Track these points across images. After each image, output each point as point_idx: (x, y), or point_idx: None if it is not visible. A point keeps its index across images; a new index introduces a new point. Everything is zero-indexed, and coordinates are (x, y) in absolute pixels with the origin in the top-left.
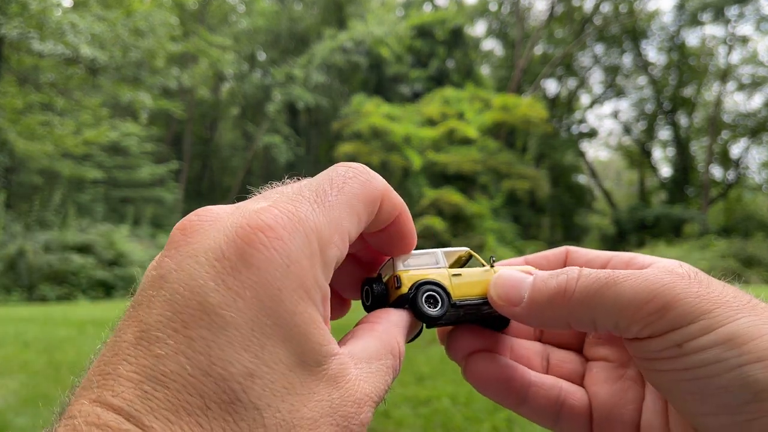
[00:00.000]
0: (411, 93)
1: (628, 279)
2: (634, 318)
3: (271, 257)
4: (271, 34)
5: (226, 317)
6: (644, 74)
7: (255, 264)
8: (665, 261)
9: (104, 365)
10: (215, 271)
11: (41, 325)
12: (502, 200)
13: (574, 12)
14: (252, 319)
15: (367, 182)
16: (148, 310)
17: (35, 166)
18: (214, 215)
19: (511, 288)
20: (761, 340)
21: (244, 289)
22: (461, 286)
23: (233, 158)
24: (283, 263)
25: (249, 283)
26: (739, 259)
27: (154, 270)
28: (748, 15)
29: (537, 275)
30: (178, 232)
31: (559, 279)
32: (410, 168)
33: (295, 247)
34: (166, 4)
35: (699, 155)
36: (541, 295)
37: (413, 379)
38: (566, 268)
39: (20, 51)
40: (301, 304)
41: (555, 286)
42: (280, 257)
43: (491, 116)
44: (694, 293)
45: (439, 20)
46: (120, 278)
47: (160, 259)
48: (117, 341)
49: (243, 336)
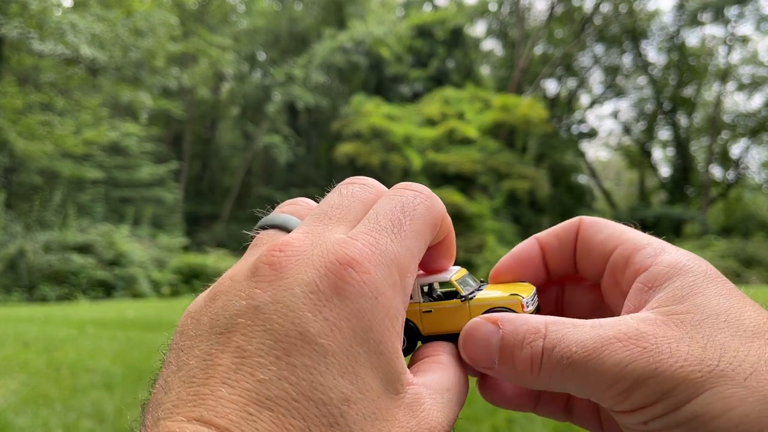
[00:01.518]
0: (411, 93)
1: (591, 360)
2: (602, 397)
3: (362, 290)
4: (271, 34)
5: (326, 346)
6: (644, 74)
7: (347, 297)
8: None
9: (199, 386)
10: (312, 303)
11: (41, 325)
12: (502, 200)
13: (574, 12)
14: (348, 347)
15: (432, 207)
16: (246, 337)
17: (35, 166)
18: (297, 250)
19: (480, 349)
20: (727, 416)
21: (340, 320)
22: (432, 322)
23: (233, 158)
24: (372, 295)
25: (344, 314)
26: (739, 259)
27: (243, 300)
28: (748, 15)
29: (504, 337)
30: (266, 267)
31: (523, 355)
32: (410, 168)
33: (380, 278)
34: (166, 4)
35: (699, 155)
36: (509, 363)
37: None
38: (530, 330)
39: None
40: (387, 334)
41: (521, 360)
42: (369, 290)
43: (491, 116)
44: (654, 370)
45: (439, 20)
46: (120, 278)
47: (250, 291)
48: (210, 364)
49: (340, 364)
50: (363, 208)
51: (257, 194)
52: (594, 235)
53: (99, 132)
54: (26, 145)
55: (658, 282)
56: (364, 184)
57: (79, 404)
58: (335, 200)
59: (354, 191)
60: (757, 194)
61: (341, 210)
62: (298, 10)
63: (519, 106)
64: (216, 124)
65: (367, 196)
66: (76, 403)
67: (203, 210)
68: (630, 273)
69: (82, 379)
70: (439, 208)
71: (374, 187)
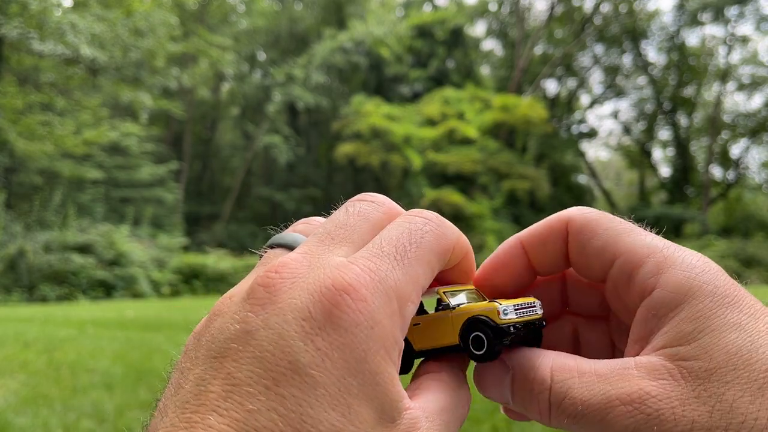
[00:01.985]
0: (411, 93)
1: (597, 420)
2: None
3: (357, 319)
4: (271, 35)
5: (316, 377)
6: (644, 74)
7: (341, 325)
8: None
9: (191, 413)
10: (304, 332)
11: (41, 325)
12: (502, 200)
13: (574, 12)
14: (339, 379)
15: (442, 235)
16: (237, 364)
17: (35, 166)
18: (294, 272)
19: (493, 391)
20: None
21: (332, 350)
22: (421, 335)
23: (233, 158)
24: (367, 325)
25: (336, 345)
26: (739, 259)
27: (237, 324)
28: (748, 15)
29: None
30: (261, 289)
31: (533, 405)
32: (410, 168)
33: (377, 307)
34: (166, 4)
35: (699, 155)
36: (523, 409)
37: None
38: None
39: (20, 51)
40: (383, 364)
41: (532, 410)
42: (365, 319)
43: (491, 116)
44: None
45: (439, 20)
46: (120, 278)
47: (244, 314)
48: (202, 390)
49: (331, 395)
50: (369, 229)
51: (257, 194)
52: (588, 241)
53: (99, 132)
54: (26, 145)
55: (663, 311)
56: (373, 202)
57: (79, 404)
58: (341, 219)
59: (361, 209)
60: (757, 194)
61: (345, 230)
62: (298, 10)
63: (519, 106)
64: (216, 124)
65: (375, 215)
66: (76, 403)
67: (203, 210)
68: (633, 293)
69: (82, 379)
70: (451, 236)
71: (384, 205)
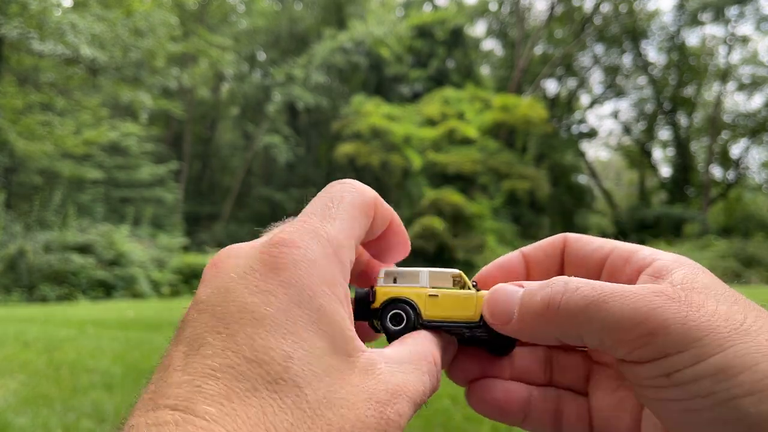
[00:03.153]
0: (411, 93)
1: (615, 298)
2: (621, 341)
3: (295, 259)
4: (271, 35)
5: (264, 313)
6: (644, 74)
7: (281, 268)
8: (666, 258)
9: (157, 381)
10: (249, 282)
11: (41, 325)
12: (502, 200)
13: (574, 12)
14: (287, 312)
15: (359, 193)
16: (193, 328)
17: (35, 166)
18: (238, 248)
19: (502, 305)
20: (753, 371)
21: (276, 288)
22: (435, 306)
23: (233, 158)
24: (305, 264)
25: (279, 283)
26: (739, 259)
27: (192, 302)
28: (748, 15)
29: (526, 289)
30: (208, 268)
31: (543, 294)
32: (410, 168)
33: (312, 250)
34: (166, 4)
35: (699, 155)
36: (529, 311)
37: None
38: (553, 280)
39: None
40: (327, 298)
41: (540, 302)
42: (302, 259)
43: (491, 116)
44: (683, 318)
45: (439, 20)
46: (120, 278)
47: (197, 292)
48: (168, 358)
49: (280, 326)
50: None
51: (257, 194)
52: (584, 246)
53: (99, 132)
54: (26, 145)
55: (665, 271)
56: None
57: (79, 404)
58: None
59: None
60: (757, 194)
61: (299, 215)
62: (298, 10)
63: (519, 106)
64: (216, 124)
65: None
66: (76, 403)
67: (203, 210)
68: (631, 270)
69: (82, 379)
70: (369, 194)
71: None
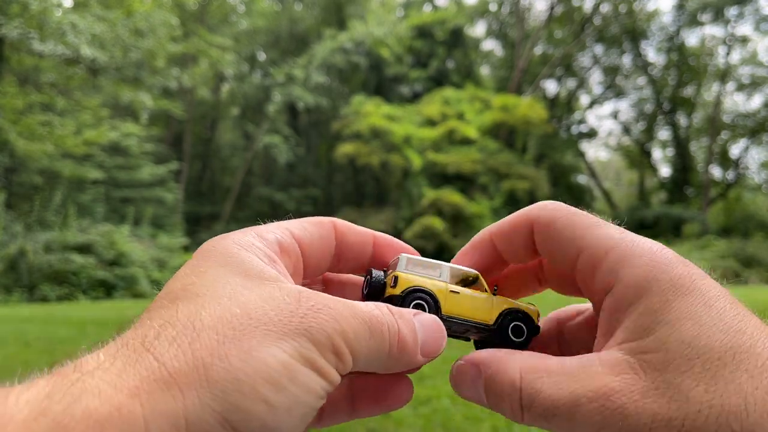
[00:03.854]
0: (411, 93)
1: (567, 418)
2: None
3: (217, 240)
4: (271, 35)
5: (198, 277)
6: (644, 74)
7: (209, 248)
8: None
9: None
10: (189, 266)
11: (42, 325)
12: (502, 200)
13: (573, 12)
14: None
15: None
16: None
17: (35, 166)
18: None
19: (469, 392)
20: None
21: (205, 261)
22: (455, 303)
23: (233, 158)
24: (226, 240)
25: (207, 256)
26: (739, 259)
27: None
28: (748, 15)
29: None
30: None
31: (505, 405)
32: (410, 168)
33: (233, 234)
34: (166, 4)
35: (699, 155)
36: (497, 408)
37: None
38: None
39: (21, 51)
40: (245, 254)
41: (504, 410)
42: (222, 237)
43: (491, 116)
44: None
45: (439, 20)
46: (120, 278)
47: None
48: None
49: (211, 279)
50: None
51: (257, 194)
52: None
53: (99, 132)
54: (27, 146)
55: (624, 305)
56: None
57: None
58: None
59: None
60: (756, 194)
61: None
62: (298, 11)
63: (519, 107)
64: (216, 124)
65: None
66: None
67: (203, 210)
68: (599, 287)
69: None
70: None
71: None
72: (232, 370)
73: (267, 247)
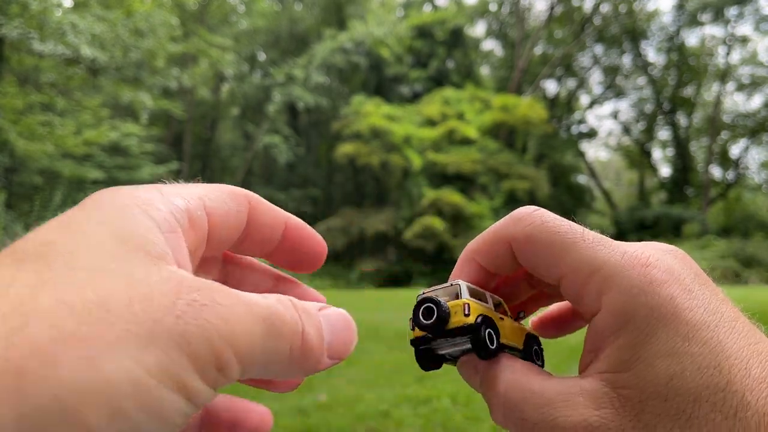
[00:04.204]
0: (411, 93)
1: None
2: None
3: (106, 192)
4: (271, 35)
5: (56, 236)
6: (644, 74)
7: (94, 196)
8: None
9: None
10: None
11: None
12: (502, 200)
13: (573, 12)
14: (85, 218)
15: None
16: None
17: (36, 167)
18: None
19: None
20: None
21: (81, 212)
22: (505, 332)
23: (233, 158)
24: (121, 192)
25: (88, 205)
26: (739, 259)
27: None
28: (748, 15)
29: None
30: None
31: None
32: (410, 168)
33: (139, 187)
34: (166, 4)
35: (699, 155)
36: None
37: (413, 379)
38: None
39: (21, 51)
40: (135, 210)
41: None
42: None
43: (491, 116)
44: None
45: (439, 20)
46: None
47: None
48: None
49: (68, 222)
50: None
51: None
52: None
53: (99, 132)
54: (27, 146)
55: (606, 333)
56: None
57: None
58: None
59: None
60: (756, 194)
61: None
62: (298, 11)
63: (519, 107)
64: (216, 124)
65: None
66: None
67: None
68: (585, 310)
69: None
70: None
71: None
72: (55, 382)
73: (172, 214)
